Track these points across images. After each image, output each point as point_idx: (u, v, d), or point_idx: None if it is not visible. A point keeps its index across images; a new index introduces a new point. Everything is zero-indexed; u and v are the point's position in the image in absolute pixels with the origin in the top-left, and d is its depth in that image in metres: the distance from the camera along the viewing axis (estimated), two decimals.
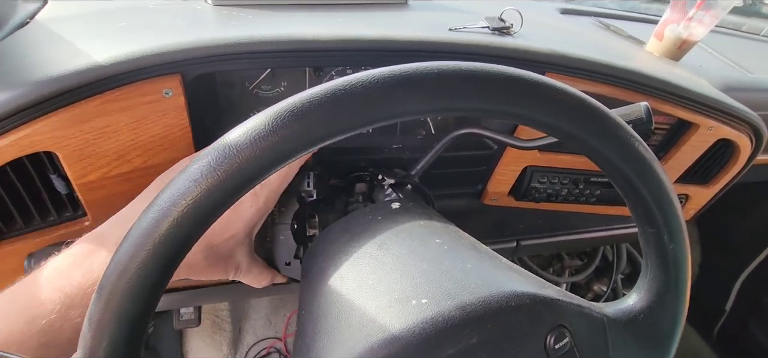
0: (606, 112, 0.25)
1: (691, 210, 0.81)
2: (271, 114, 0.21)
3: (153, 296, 0.23)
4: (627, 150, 0.25)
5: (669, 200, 0.27)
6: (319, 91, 0.21)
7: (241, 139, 0.21)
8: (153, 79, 0.43)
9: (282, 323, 1.31)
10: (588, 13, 0.94)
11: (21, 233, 0.48)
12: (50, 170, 0.45)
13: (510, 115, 0.24)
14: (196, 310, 0.85)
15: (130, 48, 0.42)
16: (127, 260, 0.22)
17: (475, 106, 0.23)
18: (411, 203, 0.47)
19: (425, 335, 0.29)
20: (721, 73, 0.77)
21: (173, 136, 0.47)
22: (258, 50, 0.46)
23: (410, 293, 0.32)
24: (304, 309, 0.39)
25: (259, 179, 0.22)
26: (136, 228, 0.22)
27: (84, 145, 0.43)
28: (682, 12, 0.71)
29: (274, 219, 0.50)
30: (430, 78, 0.22)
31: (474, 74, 0.23)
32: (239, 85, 0.56)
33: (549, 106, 0.24)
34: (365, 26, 0.55)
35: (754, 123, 0.64)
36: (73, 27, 0.51)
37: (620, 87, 0.57)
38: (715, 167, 0.73)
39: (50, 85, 0.40)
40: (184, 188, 0.21)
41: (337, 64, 0.57)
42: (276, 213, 0.50)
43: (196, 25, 0.52)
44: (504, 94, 0.23)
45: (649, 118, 0.40)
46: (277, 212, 0.50)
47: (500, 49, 0.53)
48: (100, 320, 0.23)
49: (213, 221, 0.23)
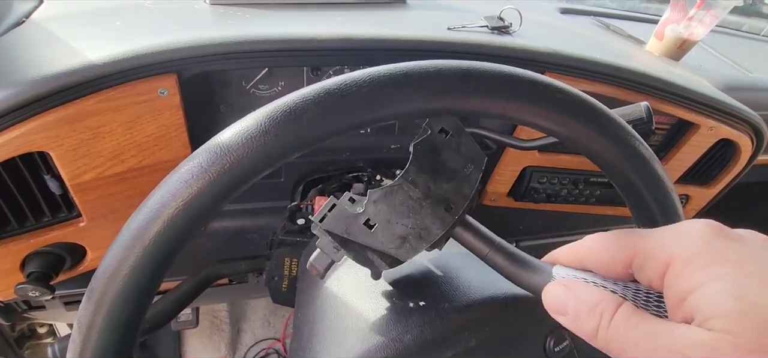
0: (606, 112, 0.25)
1: (691, 211, 0.80)
2: (264, 114, 0.21)
3: (144, 300, 0.23)
4: (627, 150, 0.25)
5: (670, 201, 0.27)
6: (313, 91, 0.21)
7: (233, 139, 0.21)
8: (148, 78, 0.43)
9: (281, 324, 1.30)
10: (588, 13, 0.94)
11: (15, 233, 0.48)
12: (44, 171, 0.45)
13: (509, 115, 0.23)
14: (194, 311, 0.85)
15: (125, 47, 0.42)
16: (116, 263, 0.22)
17: (474, 106, 0.23)
18: None
19: (424, 338, 0.28)
20: (722, 73, 0.76)
21: (169, 135, 0.47)
22: (255, 49, 0.46)
23: (408, 295, 0.32)
24: (301, 310, 0.39)
25: (251, 179, 0.21)
26: (126, 230, 0.22)
27: (78, 145, 0.43)
28: (683, 12, 0.71)
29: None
30: (428, 77, 0.22)
31: (472, 73, 0.22)
32: (236, 85, 0.56)
33: (548, 106, 0.23)
34: (363, 25, 0.55)
35: (754, 123, 0.64)
36: (68, 26, 0.51)
37: (620, 87, 0.57)
38: (716, 168, 0.73)
39: (44, 84, 0.39)
40: (174, 189, 0.21)
41: (335, 63, 0.56)
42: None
43: (192, 24, 0.51)
44: (503, 94, 0.23)
45: (649, 118, 0.39)
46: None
47: (499, 48, 0.53)
48: (90, 325, 0.22)
49: (205, 223, 0.22)
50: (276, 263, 0.51)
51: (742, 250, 0.18)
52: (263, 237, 0.64)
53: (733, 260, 0.17)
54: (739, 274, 0.17)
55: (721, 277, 0.17)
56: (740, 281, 0.16)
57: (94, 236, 0.51)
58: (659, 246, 0.19)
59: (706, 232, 0.18)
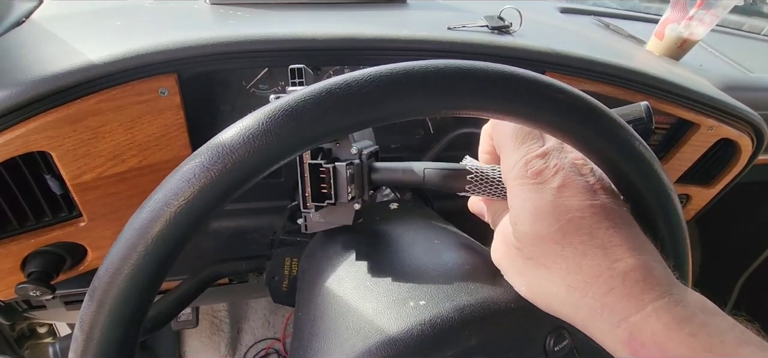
0: (606, 112, 0.25)
1: (691, 210, 0.80)
2: (265, 113, 0.21)
3: (146, 299, 0.23)
4: (627, 150, 0.25)
5: (669, 201, 0.27)
6: (314, 90, 0.21)
7: (235, 138, 0.21)
8: (149, 78, 0.43)
9: (281, 324, 1.30)
10: (588, 12, 0.94)
11: (15, 233, 0.48)
12: (44, 170, 0.45)
13: (508, 115, 0.23)
14: (194, 311, 0.85)
15: (125, 47, 0.42)
16: (119, 262, 0.22)
17: (474, 106, 0.23)
18: (409, 204, 0.47)
19: (424, 337, 0.28)
20: (722, 73, 0.76)
21: (169, 135, 0.47)
22: (255, 49, 0.46)
23: (408, 294, 0.32)
24: (301, 310, 0.39)
25: (252, 178, 0.21)
26: (128, 229, 0.22)
27: (78, 145, 0.43)
28: (683, 11, 0.71)
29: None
30: (429, 77, 0.22)
31: (471, 73, 0.22)
32: (236, 85, 0.56)
33: (548, 106, 0.23)
34: (364, 25, 0.55)
35: (755, 123, 0.64)
36: (68, 26, 0.51)
37: (620, 86, 0.57)
38: (716, 167, 0.73)
39: (45, 84, 0.39)
40: (176, 188, 0.21)
41: (335, 62, 0.56)
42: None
43: (192, 23, 0.51)
44: (502, 94, 0.23)
45: (649, 118, 0.39)
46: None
47: (499, 48, 0.53)
48: (92, 324, 0.22)
49: (207, 222, 0.22)
50: (276, 263, 0.51)
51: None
52: (264, 237, 0.64)
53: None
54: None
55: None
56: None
57: (94, 236, 0.52)
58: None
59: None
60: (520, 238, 0.26)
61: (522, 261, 0.27)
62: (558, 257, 0.24)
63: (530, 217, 0.25)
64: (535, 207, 0.25)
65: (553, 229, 0.24)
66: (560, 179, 0.25)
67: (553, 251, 0.25)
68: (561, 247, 0.24)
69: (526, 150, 0.27)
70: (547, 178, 0.25)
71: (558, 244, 0.24)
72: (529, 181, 0.26)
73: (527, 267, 0.27)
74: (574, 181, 0.25)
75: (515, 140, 0.27)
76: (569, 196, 0.25)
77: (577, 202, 0.25)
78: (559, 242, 0.24)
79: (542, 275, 0.25)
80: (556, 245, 0.24)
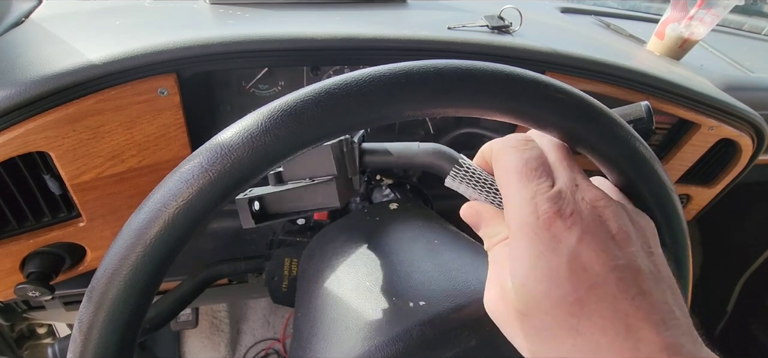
0: (606, 112, 0.25)
1: (692, 210, 0.80)
2: (264, 113, 0.21)
3: (144, 300, 0.23)
4: (627, 150, 0.25)
5: (670, 201, 0.27)
6: (313, 90, 0.21)
7: (234, 139, 0.21)
8: (148, 78, 0.43)
9: (281, 324, 1.30)
10: (588, 12, 0.94)
11: (14, 234, 0.48)
12: (43, 170, 0.45)
13: (508, 115, 0.23)
14: (193, 311, 0.85)
15: (124, 47, 0.42)
16: (117, 262, 0.22)
17: (474, 106, 0.23)
18: (409, 204, 0.47)
19: (423, 337, 0.28)
20: (723, 73, 0.76)
21: (168, 135, 0.47)
22: (255, 49, 0.46)
23: (408, 295, 0.32)
24: (300, 310, 0.39)
25: (252, 179, 0.21)
26: (127, 230, 0.22)
27: (77, 145, 0.43)
28: (684, 11, 0.71)
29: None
30: (428, 77, 0.22)
31: (471, 73, 0.22)
32: (236, 85, 0.56)
33: (548, 106, 0.23)
34: (363, 24, 0.55)
35: (755, 123, 0.64)
36: (68, 26, 0.51)
37: (621, 86, 0.57)
38: (717, 167, 0.72)
39: (44, 84, 0.39)
40: (175, 189, 0.21)
41: (335, 62, 0.56)
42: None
43: (192, 23, 0.51)
44: (502, 94, 0.23)
45: (649, 118, 0.39)
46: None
47: (500, 47, 0.53)
48: (91, 324, 0.22)
49: (206, 222, 0.22)
50: (276, 263, 0.51)
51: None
52: (263, 237, 0.64)
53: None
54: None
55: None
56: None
57: (93, 236, 0.51)
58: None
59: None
60: (525, 302, 0.22)
61: (525, 328, 0.22)
62: (572, 331, 0.20)
63: (542, 280, 0.21)
64: (548, 269, 0.21)
65: (570, 299, 0.20)
66: (578, 231, 0.21)
67: (566, 323, 0.20)
68: (577, 320, 0.20)
69: (535, 189, 0.22)
70: (561, 231, 0.21)
71: (574, 317, 0.20)
72: (541, 232, 0.21)
73: (532, 335, 0.22)
74: (596, 234, 0.21)
75: (520, 176, 0.23)
76: (590, 255, 0.20)
77: (599, 264, 0.20)
78: (576, 315, 0.20)
79: (549, 348, 0.21)
80: (571, 319, 0.20)
